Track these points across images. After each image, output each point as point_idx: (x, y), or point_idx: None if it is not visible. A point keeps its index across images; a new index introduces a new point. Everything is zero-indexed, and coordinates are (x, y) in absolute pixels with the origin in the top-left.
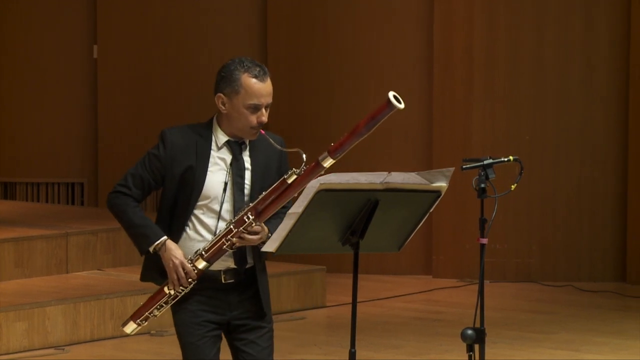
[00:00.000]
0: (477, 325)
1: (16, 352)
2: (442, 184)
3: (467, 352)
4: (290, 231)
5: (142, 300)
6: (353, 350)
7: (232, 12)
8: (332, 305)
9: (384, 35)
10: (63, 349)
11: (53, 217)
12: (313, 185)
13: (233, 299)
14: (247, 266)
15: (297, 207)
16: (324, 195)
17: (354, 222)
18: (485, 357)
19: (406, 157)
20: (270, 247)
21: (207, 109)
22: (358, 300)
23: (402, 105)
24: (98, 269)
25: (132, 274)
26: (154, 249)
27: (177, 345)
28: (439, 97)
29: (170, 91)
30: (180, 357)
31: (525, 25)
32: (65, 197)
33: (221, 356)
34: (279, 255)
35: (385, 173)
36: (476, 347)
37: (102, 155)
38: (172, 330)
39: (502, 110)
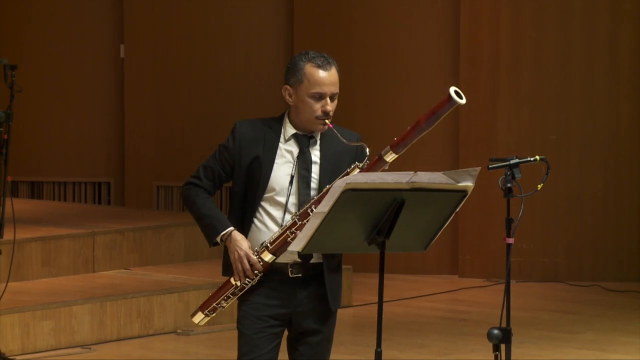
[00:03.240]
0: (504, 325)
1: (43, 351)
2: (468, 184)
3: (493, 352)
4: (317, 230)
5: (169, 299)
6: (379, 349)
7: (258, 12)
8: (358, 305)
9: (410, 35)
10: (89, 348)
11: (80, 217)
12: (339, 185)
13: (299, 295)
14: (312, 261)
15: (324, 207)
16: (350, 194)
17: (380, 221)
18: (512, 357)
19: (432, 156)
20: (296, 246)
21: (232, 109)
22: (384, 299)
23: (463, 101)
24: (125, 268)
25: (159, 273)
26: (221, 239)
27: (203, 345)
28: (465, 97)
29: (197, 91)
30: (207, 357)
31: (551, 24)
32: (92, 197)
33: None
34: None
35: (412, 172)
36: (502, 347)
37: (128, 155)
38: (198, 329)
39: (528, 110)
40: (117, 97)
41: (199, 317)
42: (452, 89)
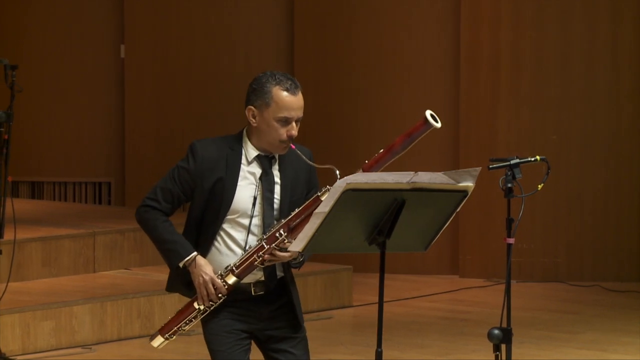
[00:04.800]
0: (504, 325)
1: (44, 351)
2: (468, 184)
3: (493, 352)
4: (317, 230)
5: (168, 300)
6: (380, 349)
7: (258, 12)
8: (359, 305)
9: (410, 35)
10: (90, 348)
11: (80, 217)
12: (340, 185)
13: (264, 310)
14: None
15: (324, 207)
16: (351, 194)
17: (381, 221)
18: (512, 357)
19: (433, 156)
20: (296, 246)
21: (232, 110)
22: (385, 299)
23: (439, 125)
24: (125, 268)
25: (159, 274)
26: (184, 264)
27: (203, 345)
28: (465, 97)
29: (197, 91)
30: (207, 357)
31: (551, 24)
32: (93, 197)
33: None
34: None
35: (412, 172)
36: (503, 347)
37: (128, 155)
38: (200, 330)
39: (528, 110)
40: (117, 97)
41: (158, 341)
42: (427, 112)
